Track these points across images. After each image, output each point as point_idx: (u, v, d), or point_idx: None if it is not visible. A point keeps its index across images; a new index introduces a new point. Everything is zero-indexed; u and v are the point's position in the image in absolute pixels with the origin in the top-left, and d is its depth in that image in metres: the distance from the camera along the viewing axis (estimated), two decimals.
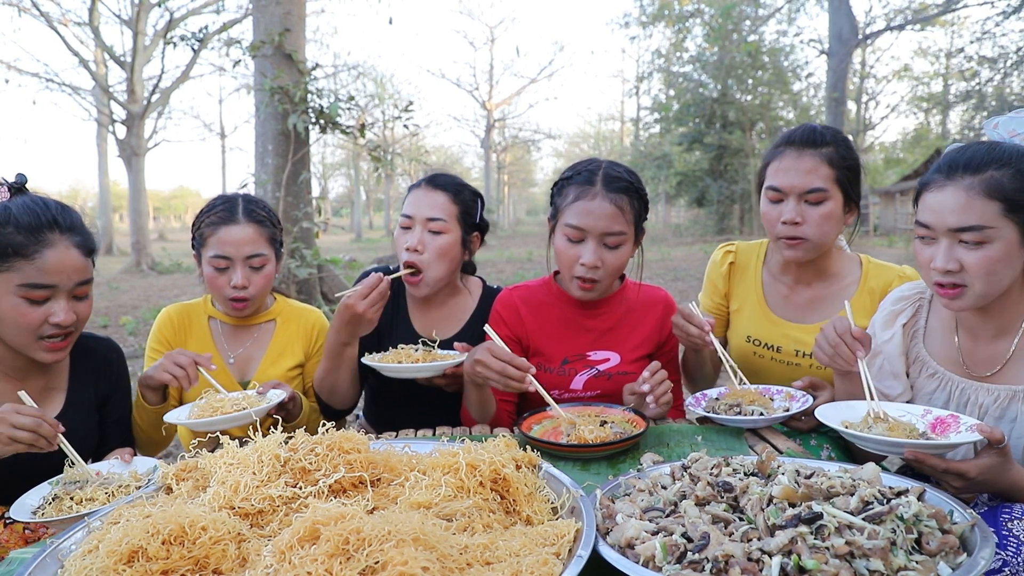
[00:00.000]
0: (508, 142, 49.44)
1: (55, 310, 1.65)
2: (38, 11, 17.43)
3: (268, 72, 6.91)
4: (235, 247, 2.08)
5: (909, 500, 1.04)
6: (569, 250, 1.98)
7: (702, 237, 27.55)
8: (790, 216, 1.99)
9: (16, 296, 1.62)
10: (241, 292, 2.10)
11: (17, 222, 1.61)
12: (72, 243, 1.67)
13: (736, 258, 2.33)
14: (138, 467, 1.63)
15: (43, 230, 1.63)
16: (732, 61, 25.89)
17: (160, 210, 75.14)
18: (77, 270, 1.68)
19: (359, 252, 22.64)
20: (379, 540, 0.93)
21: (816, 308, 2.15)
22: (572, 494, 1.20)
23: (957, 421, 1.51)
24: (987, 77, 22.70)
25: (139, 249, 19.57)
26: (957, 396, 1.67)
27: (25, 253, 1.60)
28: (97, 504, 1.42)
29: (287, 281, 7.04)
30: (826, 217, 1.99)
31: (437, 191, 2.20)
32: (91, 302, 1.79)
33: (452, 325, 2.33)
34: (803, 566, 0.91)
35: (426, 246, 2.15)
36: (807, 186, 1.97)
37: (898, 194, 26.72)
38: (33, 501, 1.48)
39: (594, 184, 1.94)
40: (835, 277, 2.15)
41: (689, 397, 1.98)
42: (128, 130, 18.86)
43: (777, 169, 2.03)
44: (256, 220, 2.12)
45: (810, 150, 1.99)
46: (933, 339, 1.76)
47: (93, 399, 1.92)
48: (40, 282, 1.62)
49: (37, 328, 1.65)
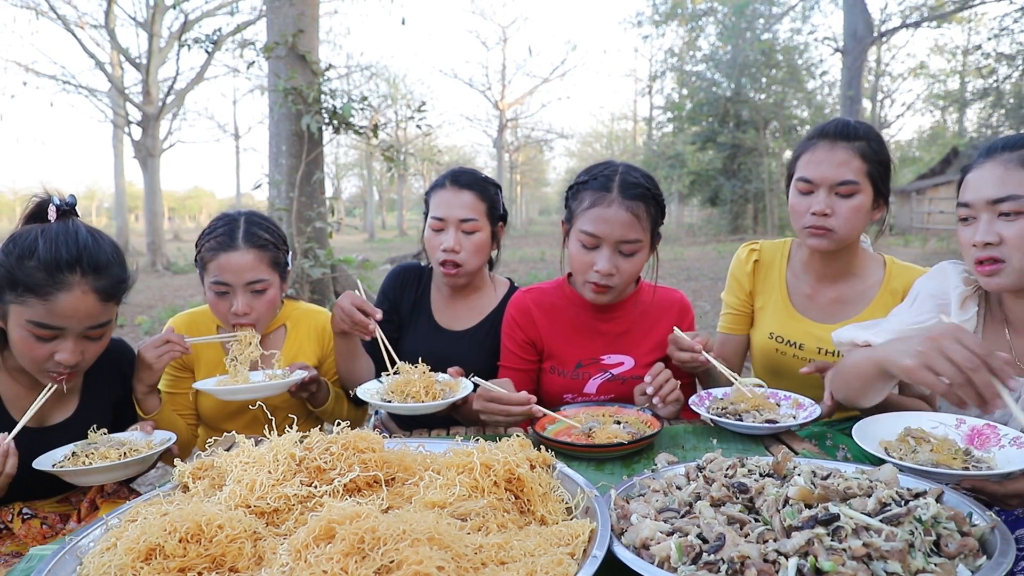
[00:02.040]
0: (520, 142, 49.37)
1: (61, 349, 1.63)
2: (55, 14, 17.63)
3: (282, 73, 6.95)
4: (234, 274, 2.04)
5: (927, 502, 1.03)
6: (584, 256, 1.96)
7: (715, 237, 27.41)
8: (820, 208, 1.98)
9: (24, 329, 1.60)
10: (242, 319, 2.07)
11: (39, 258, 1.56)
12: (92, 287, 1.61)
13: (761, 256, 2.32)
14: (155, 438, 1.74)
15: (63, 271, 1.57)
16: (745, 60, 25.72)
17: (175, 210, 75.74)
18: (90, 315, 1.62)
19: (372, 252, 22.71)
20: (394, 539, 0.94)
21: (839, 308, 2.14)
22: (586, 494, 1.19)
23: (996, 432, 1.48)
24: (1005, 74, 22.44)
25: (154, 249, 19.74)
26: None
27: (39, 292, 1.56)
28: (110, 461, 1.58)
29: (301, 281, 7.07)
30: (855, 210, 1.98)
31: (464, 191, 2.24)
32: (106, 341, 1.75)
33: (472, 317, 2.37)
34: (820, 568, 0.90)
35: (462, 246, 2.22)
36: (839, 178, 1.97)
37: (914, 193, 26.45)
38: (56, 457, 1.62)
39: (611, 191, 1.92)
40: (858, 277, 2.14)
41: (694, 396, 1.96)
42: (143, 131, 19.02)
43: (809, 161, 2.03)
44: (257, 245, 2.06)
45: (843, 143, 1.98)
46: (986, 333, 1.73)
47: (108, 401, 1.93)
48: (47, 323, 1.58)
49: (43, 362, 1.64)
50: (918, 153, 38.98)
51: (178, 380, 2.23)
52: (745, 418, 1.77)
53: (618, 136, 59.30)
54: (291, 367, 2.07)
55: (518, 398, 1.76)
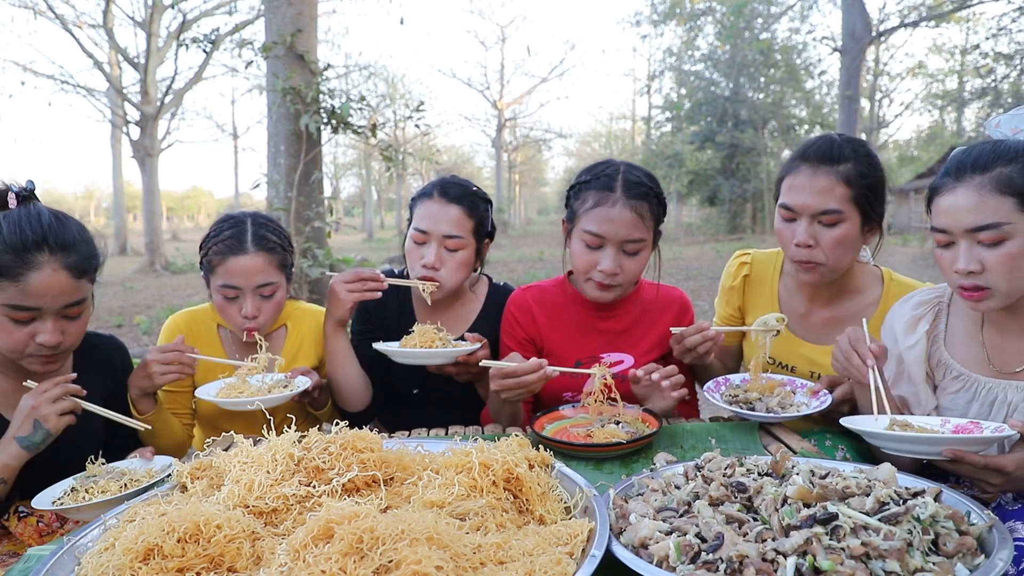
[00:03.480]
0: (519, 141, 49.37)
1: (40, 331, 1.61)
2: (53, 13, 17.60)
3: (280, 73, 6.94)
4: (244, 277, 2.03)
5: (926, 501, 1.04)
6: (588, 256, 1.95)
7: (714, 236, 27.44)
8: (802, 239, 1.89)
9: (1, 315, 1.58)
10: (252, 322, 2.07)
11: (4, 241, 1.55)
12: (62, 264, 1.59)
13: (751, 270, 2.25)
14: (155, 465, 1.66)
15: (30, 251, 1.56)
16: (744, 59, 25.78)
17: (173, 210, 75.68)
18: (64, 292, 1.61)
19: (371, 252, 22.71)
20: (393, 539, 0.94)
21: (834, 328, 2.04)
22: (585, 493, 1.19)
23: (979, 427, 1.49)
24: (1003, 74, 22.51)
25: (153, 249, 19.73)
26: (983, 396, 1.64)
27: (9, 275, 1.54)
28: (109, 495, 1.48)
29: (299, 281, 7.06)
30: (839, 241, 1.88)
31: (452, 205, 2.15)
32: (85, 320, 1.74)
33: (460, 327, 2.32)
34: (818, 567, 0.90)
35: (443, 262, 2.14)
36: (820, 207, 1.87)
37: (912, 192, 26.49)
38: (55, 493, 1.54)
39: (614, 190, 1.92)
40: (854, 295, 2.07)
41: (710, 382, 1.98)
42: (142, 131, 19.02)
43: (790, 186, 1.93)
44: (266, 248, 2.06)
45: (825, 167, 1.87)
46: (955, 341, 1.73)
47: (98, 398, 1.91)
48: (22, 304, 1.57)
49: (23, 347, 1.63)
50: (916, 152, 39.08)
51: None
52: (757, 407, 1.80)
53: (617, 136, 59.33)
54: (292, 372, 2.03)
55: (530, 366, 1.76)
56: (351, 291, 2.03)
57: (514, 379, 1.75)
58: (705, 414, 2.34)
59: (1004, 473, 1.37)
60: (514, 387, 1.76)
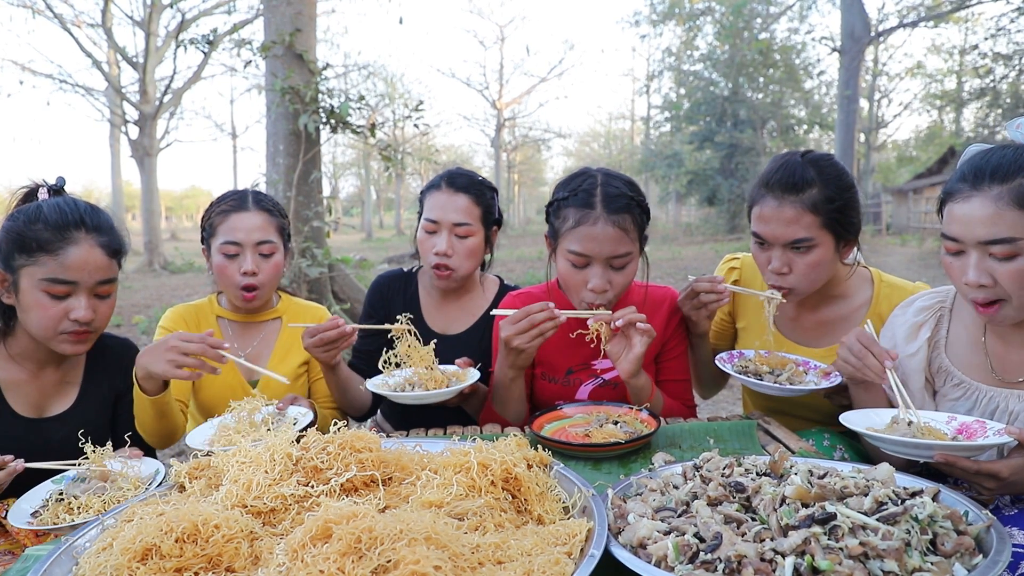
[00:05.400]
0: (518, 141, 49.33)
1: (75, 306, 1.71)
2: (52, 12, 17.57)
3: (279, 72, 6.93)
4: (245, 232, 2.11)
5: (924, 501, 1.04)
6: (575, 276, 1.89)
7: (713, 236, 27.43)
8: (776, 267, 1.89)
9: (39, 290, 1.68)
10: (251, 279, 2.11)
11: (46, 220, 1.69)
12: (97, 243, 1.73)
13: (741, 275, 2.24)
14: (143, 470, 1.58)
15: (70, 228, 1.70)
16: (743, 59, 25.78)
17: (172, 210, 75.55)
18: (99, 268, 1.73)
19: (370, 251, 22.70)
20: (391, 539, 0.93)
21: (824, 332, 2.06)
22: (584, 493, 1.19)
23: (984, 427, 1.48)
24: (1002, 74, 22.51)
25: (151, 248, 19.71)
26: (984, 404, 1.62)
27: (50, 249, 1.67)
28: (91, 514, 1.40)
29: (298, 280, 7.06)
30: (813, 266, 1.87)
31: (460, 194, 2.23)
32: (113, 302, 1.84)
33: (465, 320, 2.35)
34: (816, 567, 0.90)
35: (455, 250, 2.21)
36: (790, 237, 1.85)
37: (911, 192, 26.50)
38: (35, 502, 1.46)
39: (594, 207, 1.84)
40: (843, 299, 2.06)
41: (723, 353, 2.00)
42: (140, 130, 18.99)
43: (758, 216, 1.90)
44: (265, 209, 2.18)
45: (791, 197, 1.84)
46: (956, 348, 1.71)
47: (107, 396, 1.94)
48: (61, 277, 1.68)
49: (58, 323, 1.71)
50: (915, 152, 39.11)
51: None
52: (766, 379, 1.80)
53: (616, 135, 59.37)
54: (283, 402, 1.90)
55: (537, 306, 1.77)
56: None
57: (525, 322, 1.76)
58: (704, 414, 2.34)
59: (998, 478, 1.36)
60: (526, 330, 1.77)
